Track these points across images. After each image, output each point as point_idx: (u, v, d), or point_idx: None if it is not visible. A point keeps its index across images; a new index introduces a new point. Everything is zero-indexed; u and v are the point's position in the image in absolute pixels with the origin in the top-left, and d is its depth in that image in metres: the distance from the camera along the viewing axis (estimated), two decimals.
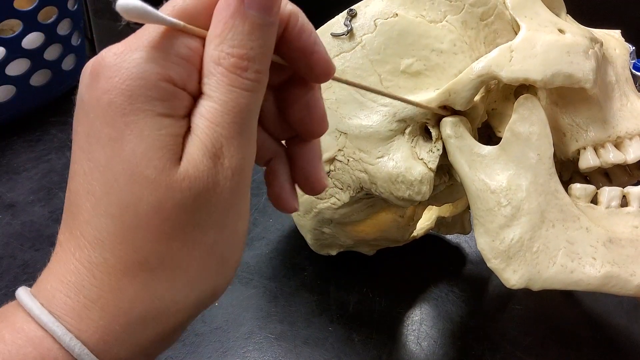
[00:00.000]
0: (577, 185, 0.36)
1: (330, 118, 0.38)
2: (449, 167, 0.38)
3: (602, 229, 0.35)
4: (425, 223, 0.51)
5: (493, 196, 0.34)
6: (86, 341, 0.19)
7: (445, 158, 0.36)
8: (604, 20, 0.45)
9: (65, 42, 0.70)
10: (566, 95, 0.37)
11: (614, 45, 0.40)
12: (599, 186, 0.37)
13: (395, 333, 0.45)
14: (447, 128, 0.35)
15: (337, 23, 0.38)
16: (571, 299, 0.49)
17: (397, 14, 0.36)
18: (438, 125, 0.36)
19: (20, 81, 0.66)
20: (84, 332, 0.20)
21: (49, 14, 0.66)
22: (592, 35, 0.36)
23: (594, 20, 0.42)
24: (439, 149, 0.36)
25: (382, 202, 0.41)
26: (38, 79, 0.69)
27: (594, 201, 0.37)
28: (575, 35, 0.35)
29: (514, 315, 0.47)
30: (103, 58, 0.20)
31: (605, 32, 0.41)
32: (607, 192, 0.36)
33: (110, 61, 0.20)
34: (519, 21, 0.35)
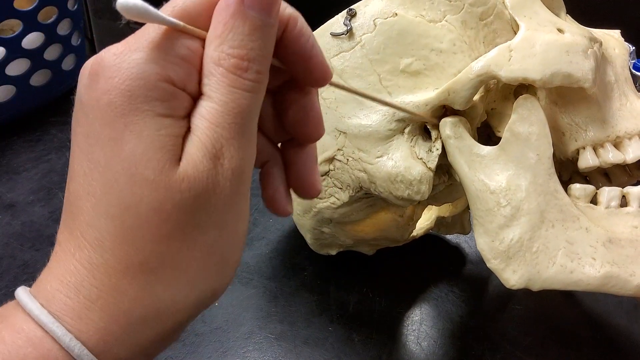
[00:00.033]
0: (576, 186, 0.36)
1: (330, 117, 0.38)
2: (448, 167, 0.38)
3: (601, 229, 0.35)
4: (424, 223, 0.51)
5: (492, 196, 0.34)
6: (86, 341, 0.19)
7: (444, 158, 0.36)
8: (603, 20, 0.44)
9: (65, 42, 0.70)
10: (565, 95, 0.37)
11: (613, 45, 0.40)
12: (598, 186, 0.37)
13: (395, 333, 0.45)
14: (447, 128, 0.35)
15: (336, 23, 0.38)
16: (571, 299, 0.49)
17: (396, 14, 0.36)
18: (437, 125, 0.36)
19: (20, 81, 0.66)
20: (83, 333, 0.20)
21: (49, 14, 0.66)
22: (592, 34, 0.36)
23: (594, 20, 0.42)
24: (438, 149, 0.36)
25: (382, 201, 0.41)
26: (38, 79, 0.69)
27: (593, 201, 0.36)
28: (574, 35, 0.35)
29: (514, 315, 0.47)
30: (102, 58, 0.20)
31: (605, 32, 0.41)
32: (606, 192, 0.36)
33: (110, 61, 0.20)
34: (518, 21, 0.35)
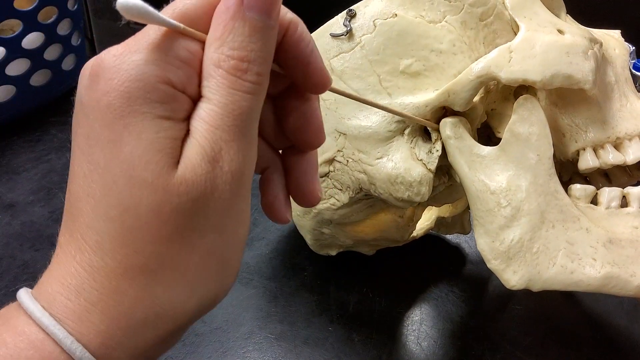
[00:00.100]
0: (577, 186, 0.36)
1: (330, 118, 0.38)
2: (448, 168, 0.38)
3: (602, 230, 0.35)
4: (425, 223, 0.51)
5: (493, 197, 0.34)
6: (87, 344, 0.19)
7: (444, 159, 0.36)
8: (604, 20, 0.44)
9: (65, 42, 0.70)
10: (565, 96, 0.37)
11: (613, 45, 0.40)
12: (598, 187, 0.37)
13: (395, 333, 0.45)
14: (447, 129, 0.35)
15: (336, 23, 0.38)
16: (571, 299, 0.49)
17: (396, 14, 0.36)
18: (437, 128, 0.36)
19: (20, 81, 0.66)
20: (84, 336, 0.20)
21: (49, 14, 0.66)
22: (592, 35, 0.36)
23: (594, 20, 0.42)
24: (438, 150, 0.36)
25: (382, 202, 0.41)
26: (38, 79, 0.69)
27: (593, 202, 0.36)
28: (574, 36, 0.35)
29: (514, 315, 0.47)
30: (102, 59, 0.20)
31: (605, 32, 0.41)
32: (607, 193, 0.36)
33: (110, 63, 0.20)
34: (518, 21, 0.35)
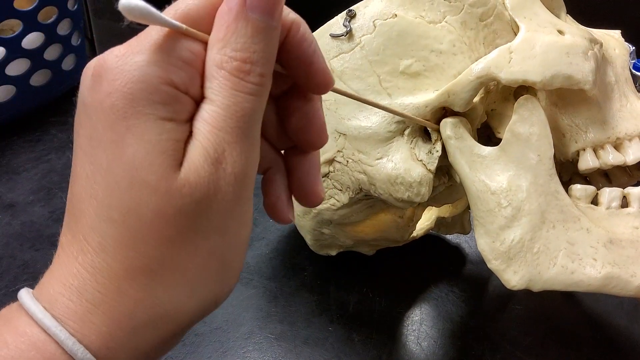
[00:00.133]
0: (577, 186, 0.36)
1: (330, 119, 0.38)
2: (448, 168, 0.38)
3: (602, 230, 0.35)
4: (425, 223, 0.51)
5: (493, 197, 0.34)
6: (89, 345, 0.19)
7: (444, 159, 0.36)
8: (604, 20, 0.44)
9: (65, 42, 0.70)
10: (565, 96, 0.37)
11: (613, 45, 0.40)
12: (599, 187, 0.37)
13: (395, 333, 0.45)
14: (447, 129, 0.35)
15: (336, 24, 0.38)
16: (571, 299, 0.49)
17: (396, 15, 0.36)
18: (437, 129, 0.36)
19: (20, 81, 0.66)
20: (86, 337, 0.19)
21: (49, 14, 0.66)
22: (592, 36, 0.36)
23: (594, 20, 0.42)
24: (438, 151, 0.36)
25: (382, 203, 0.41)
26: (38, 79, 0.69)
27: (594, 202, 0.36)
28: (574, 36, 0.35)
29: (514, 315, 0.47)
30: (105, 60, 0.20)
31: (605, 32, 0.41)
32: (607, 193, 0.36)
33: (112, 63, 0.20)
34: (518, 22, 0.35)
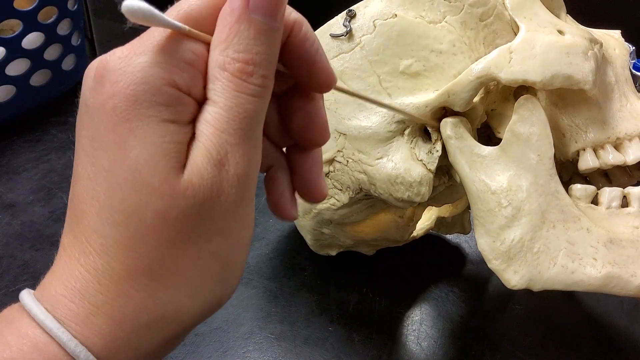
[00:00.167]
0: (577, 186, 0.36)
1: (330, 119, 0.38)
2: (448, 168, 0.38)
3: (602, 230, 0.35)
4: (425, 223, 0.51)
5: (493, 197, 0.34)
6: (91, 347, 0.19)
7: (444, 159, 0.36)
8: (604, 20, 0.44)
9: (65, 42, 0.70)
10: (565, 96, 0.37)
11: (613, 45, 0.40)
12: (599, 187, 0.37)
13: (395, 333, 0.45)
14: (448, 129, 0.35)
15: (336, 24, 0.38)
16: (571, 299, 0.49)
17: (396, 15, 0.36)
18: (437, 127, 0.36)
19: (20, 81, 0.66)
20: (88, 339, 0.19)
21: (49, 14, 0.66)
22: (592, 36, 0.36)
23: (594, 20, 0.42)
24: (438, 150, 0.36)
25: (382, 202, 0.41)
26: (38, 79, 0.69)
27: (594, 202, 0.36)
28: (574, 36, 0.35)
29: (514, 315, 0.47)
30: (107, 61, 0.20)
31: (605, 32, 0.41)
32: (607, 193, 0.36)
33: (115, 65, 0.19)
34: (518, 22, 0.35)
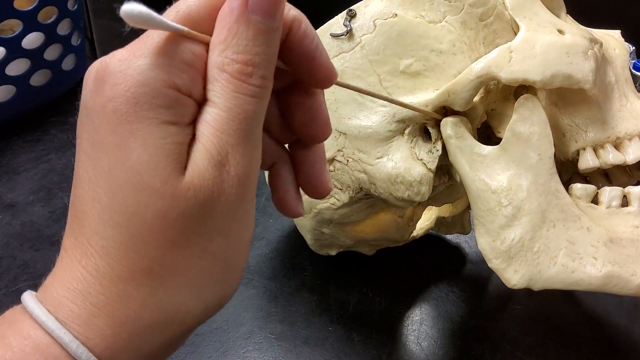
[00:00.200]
0: (577, 185, 0.36)
1: (330, 118, 0.38)
2: (448, 168, 0.38)
3: (603, 229, 0.35)
4: (425, 223, 0.51)
5: (494, 196, 0.34)
6: (93, 348, 0.19)
7: (444, 158, 0.36)
8: (604, 20, 0.44)
9: (65, 42, 0.70)
10: (565, 96, 0.37)
11: (613, 45, 0.40)
12: (598, 187, 0.37)
13: (395, 333, 0.45)
14: (448, 128, 0.35)
15: (336, 23, 0.38)
16: (571, 299, 0.49)
17: (396, 15, 0.36)
18: (437, 126, 0.36)
19: (20, 81, 0.66)
20: (90, 340, 0.20)
21: (49, 14, 0.66)
22: (592, 35, 0.36)
23: (594, 20, 0.42)
24: (438, 150, 0.36)
25: (382, 202, 0.41)
26: (38, 79, 0.69)
27: (594, 201, 0.37)
28: (574, 36, 0.35)
29: (514, 315, 0.47)
30: (107, 64, 0.20)
31: (605, 32, 0.41)
32: (607, 192, 0.36)
33: (115, 67, 0.20)
34: (518, 22, 0.35)
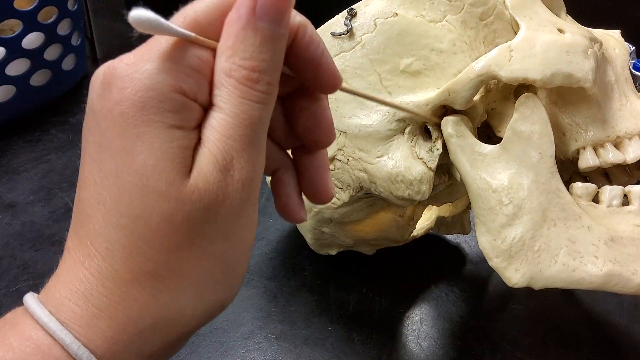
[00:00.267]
0: (578, 184, 0.36)
1: None
2: (448, 167, 0.38)
3: (603, 228, 0.35)
4: (425, 223, 0.51)
5: (494, 195, 0.34)
6: (94, 349, 0.19)
7: (445, 157, 0.36)
8: (604, 20, 0.45)
9: (65, 42, 0.70)
10: (566, 95, 0.37)
11: (613, 45, 0.40)
12: (599, 186, 0.37)
13: (395, 333, 0.45)
14: (449, 127, 0.35)
15: (337, 22, 0.38)
16: (571, 298, 0.49)
17: (396, 14, 0.36)
18: (438, 125, 0.36)
19: (20, 81, 0.66)
20: (92, 341, 0.20)
21: (49, 14, 0.66)
22: (592, 35, 0.36)
23: (594, 20, 0.42)
24: (438, 149, 0.36)
25: (382, 201, 0.41)
26: (38, 79, 0.69)
27: (595, 200, 0.37)
28: (574, 35, 0.35)
29: (514, 315, 0.47)
30: (115, 68, 0.20)
31: (605, 32, 0.41)
32: (608, 191, 0.36)
33: (122, 71, 0.20)
34: (518, 21, 0.35)
